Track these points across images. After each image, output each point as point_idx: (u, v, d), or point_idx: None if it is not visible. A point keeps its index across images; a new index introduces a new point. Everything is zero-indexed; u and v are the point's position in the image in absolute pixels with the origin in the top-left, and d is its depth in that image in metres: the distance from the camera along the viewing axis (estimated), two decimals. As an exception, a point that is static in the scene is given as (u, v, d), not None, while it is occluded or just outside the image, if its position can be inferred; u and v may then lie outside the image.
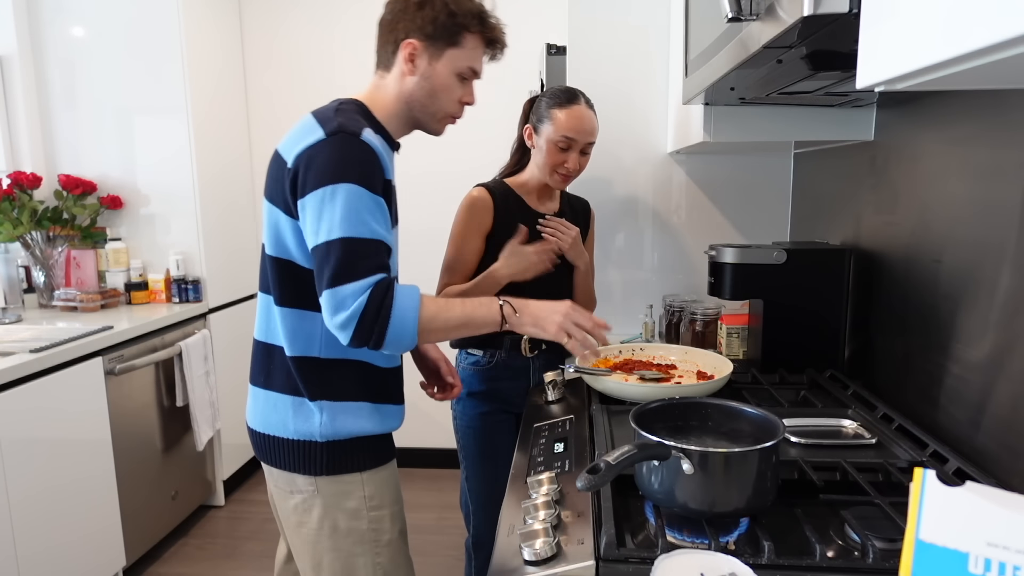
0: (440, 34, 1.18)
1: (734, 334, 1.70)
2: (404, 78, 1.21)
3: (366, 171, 1.09)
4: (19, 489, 1.85)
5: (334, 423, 1.18)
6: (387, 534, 1.24)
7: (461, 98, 1.25)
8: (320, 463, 1.19)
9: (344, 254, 1.05)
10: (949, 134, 1.15)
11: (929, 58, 0.56)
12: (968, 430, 1.07)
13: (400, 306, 1.07)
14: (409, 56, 1.19)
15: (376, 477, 1.23)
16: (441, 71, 1.20)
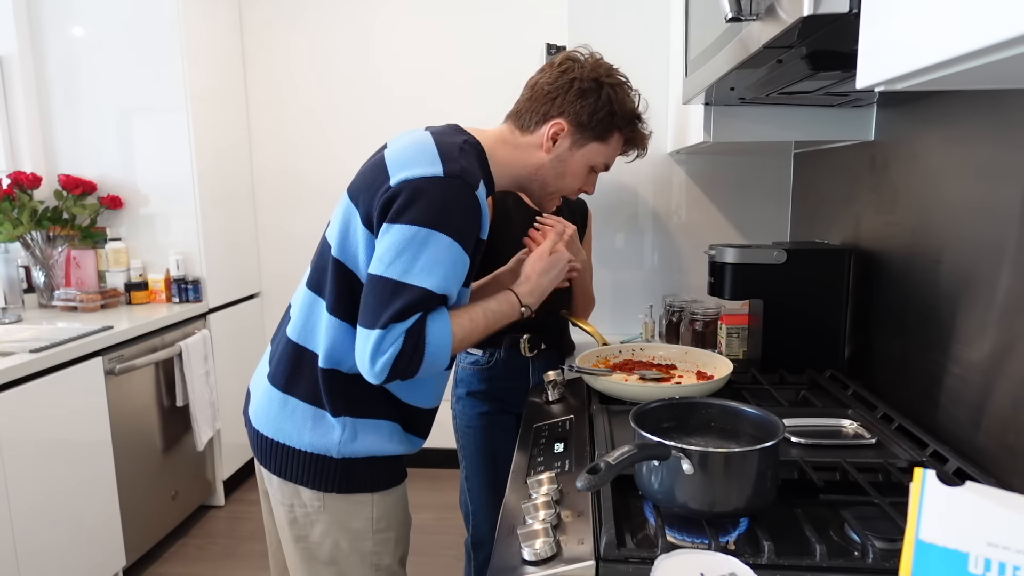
0: (592, 127, 1.16)
1: (734, 334, 1.71)
2: (538, 151, 1.18)
3: (467, 227, 1.05)
4: (19, 489, 1.85)
5: (354, 441, 1.13)
6: (388, 558, 1.21)
7: (583, 187, 1.24)
8: (332, 480, 1.14)
9: (412, 300, 1.01)
10: (949, 134, 1.15)
11: (929, 58, 0.56)
12: (968, 430, 1.07)
13: (435, 342, 1.04)
14: (553, 135, 1.17)
15: (387, 499, 1.20)
16: (578, 159, 1.19)
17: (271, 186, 3.16)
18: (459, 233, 1.04)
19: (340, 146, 3.11)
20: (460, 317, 1.09)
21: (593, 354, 1.57)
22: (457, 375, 1.74)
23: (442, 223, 1.02)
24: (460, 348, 1.10)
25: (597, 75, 1.15)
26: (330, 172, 3.13)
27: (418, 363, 1.03)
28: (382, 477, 1.19)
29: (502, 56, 2.94)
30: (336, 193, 3.50)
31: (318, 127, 3.09)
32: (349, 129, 3.09)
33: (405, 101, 3.04)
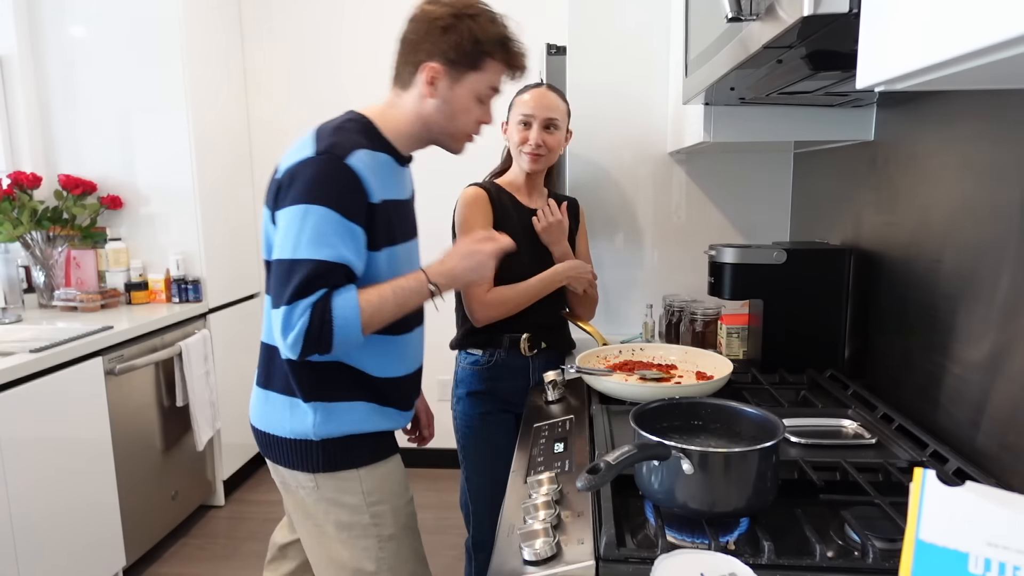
0: (462, 60, 1.19)
1: (734, 334, 1.71)
2: (423, 100, 1.21)
3: (342, 196, 1.11)
4: (19, 489, 1.85)
5: (328, 423, 1.20)
6: (389, 528, 1.25)
7: (479, 118, 1.26)
8: (317, 461, 1.22)
9: (308, 274, 1.08)
10: (949, 134, 1.15)
11: (929, 58, 0.56)
12: (968, 430, 1.07)
13: (341, 315, 1.09)
14: (430, 79, 1.19)
15: (375, 472, 1.25)
16: (461, 94, 1.21)
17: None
18: (337, 203, 1.10)
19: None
20: (368, 293, 1.13)
21: (593, 354, 1.57)
22: (457, 375, 1.74)
23: (318, 197, 1.09)
24: (373, 322, 1.13)
25: (454, 10, 1.18)
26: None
27: (328, 335, 1.08)
28: (364, 453, 1.24)
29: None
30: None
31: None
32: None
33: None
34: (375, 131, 1.22)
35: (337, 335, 1.09)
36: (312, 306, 1.08)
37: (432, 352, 3.26)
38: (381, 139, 1.22)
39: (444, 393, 3.16)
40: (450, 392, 1.78)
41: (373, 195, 1.15)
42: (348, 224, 1.11)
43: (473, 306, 1.62)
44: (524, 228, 1.66)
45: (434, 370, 3.16)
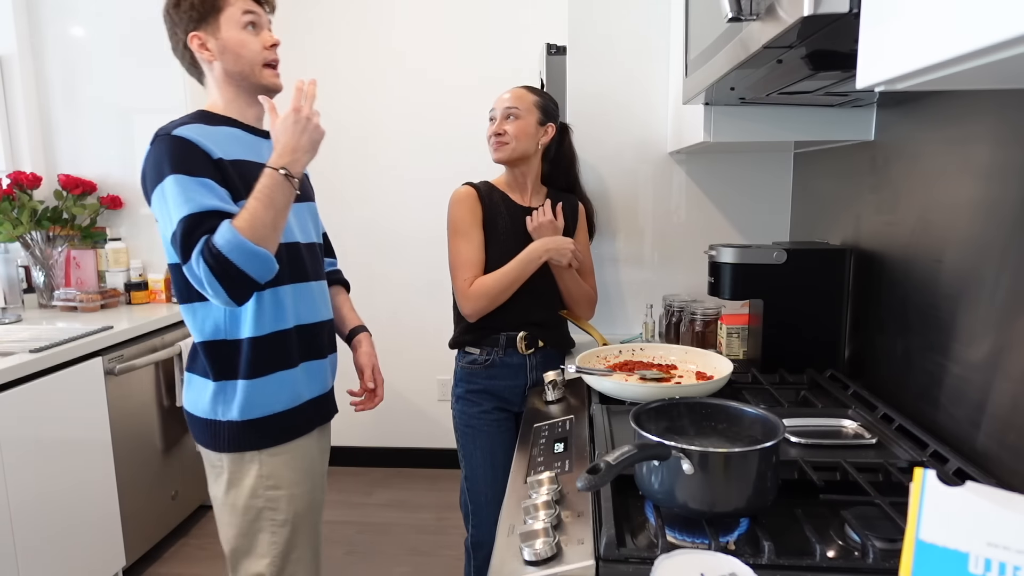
0: (205, 11, 1.28)
1: (734, 334, 1.71)
2: (213, 67, 1.31)
3: (183, 160, 1.20)
4: (19, 489, 1.85)
5: (232, 404, 1.28)
6: (283, 514, 1.31)
7: (263, 43, 1.32)
8: (222, 440, 1.30)
9: (183, 231, 1.15)
10: (949, 134, 1.15)
11: (929, 58, 0.56)
12: (968, 430, 1.07)
13: (225, 244, 1.13)
14: (200, 47, 1.29)
15: (275, 458, 1.31)
16: (229, 38, 1.29)
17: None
18: (180, 167, 1.19)
19: (340, 145, 3.11)
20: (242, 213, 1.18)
21: (593, 354, 1.57)
22: (456, 374, 1.74)
23: (161, 172, 1.19)
24: (258, 232, 1.16)
25: None
26: (331, 172, 3.13)
27: (231, 266, 1.13)
28: (266, 436, 1.31)
29: (502, 56, 2.93)
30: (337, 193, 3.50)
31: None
32: (349, 128, 3.09)
33: (405, 101, 3.04)
34: (209, 114, 1.31)
35: (238, 261, 1.14)
36: (200, 253, 1.14)
37: (432, 352, 3.27)
38: (217, 118, 1.31)
39: (444, 393, 3.17)
40: (450, 392, 1.78)
41: (213, 152, 1.23)
42: (196, 179, 1.19)
43: (459, 302, 1.66)
44: (516, 226, 1.67)
45: (434, 370, 3.18)
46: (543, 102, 1.70)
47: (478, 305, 1.62)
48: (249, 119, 1.36)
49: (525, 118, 1.66)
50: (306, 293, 1.37)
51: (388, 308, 3.19)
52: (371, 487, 3.10)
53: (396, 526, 2.70)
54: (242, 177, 1.24)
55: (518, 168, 1.71)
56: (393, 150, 3.08)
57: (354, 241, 3.14)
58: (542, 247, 1.63)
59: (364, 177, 3.12)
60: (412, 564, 2.44)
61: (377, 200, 3.12)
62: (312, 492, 1.37)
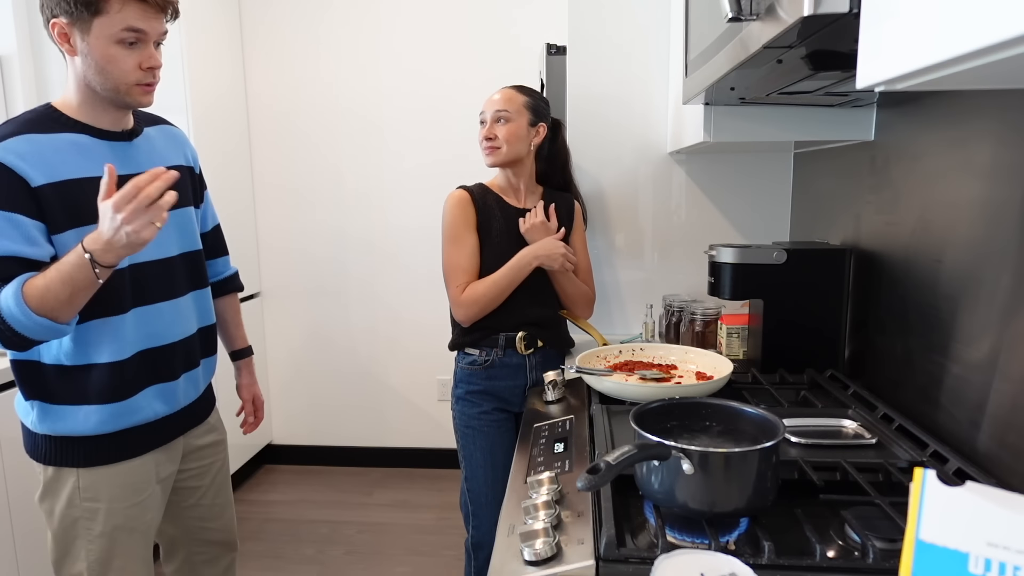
0: (78, 7, 1.09)
1: (734, 334, 1.71)
2: (73, 61, 1.15)
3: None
4: (19, 489, 1.85)
5: (45, 421, 1.24)
6: (99, 526, 1.27)
7: (140, 63, 1.15)
8: (40, 452, 1.27)
9: None
10: (949, 134, 1.15)
11: (929, 58, 0.56)
12: (968, 430, 1.07)
13: (7, 310, 1.07)
14: (61, 36, 1.13)
15: (94, 474, 1.26)
16: (97, 45, 1.12)
17: (271, 187, 3.16)
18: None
19: (341, 147, 3.11)
20: (35, 278, 1.09)
21: (593, 354, 1.57)
22: (456, 375, 1.74)
23: None
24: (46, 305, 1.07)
25: None
26: (331, 173, 3.13)
27: (7, 331, 1.08)
28: (83, 454, 1.25)
29: (502, 56, 2.94)
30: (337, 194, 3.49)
31: (318, 128, 3.09)
32: (350, 130, 3.09)
33: (405, 101, 3.05)
34: (57, 115, 1.18)
35: (16, 326, 1.07)
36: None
37: (432, 352, 3.27)
38: (65, 121, 1.17)
39: (444, 393, 3.18)
40: (450, 392, 1.78)
41: (33, 179, 1.11)
42: (9, 216, 1.08)
43: (452, 308, 1.66)
44: (511, 229, 1.67)
45: (434, 370, 3.18)
46: (533, 102, 1.69)
47: (470, 311, 1.63)
48: (103, 124, 1.21)
49: (516, 120, 1.66)
50: (155, 315, 1.27)
51: (388, 308, 3.19)
52: (371, 487, 3.10)
53: (396, 526, 2.70)
54: (67, 199, 1.13)
55: (511, 170, 1.71)
56: (393, 150, 3.08)
57: (354, 241, 3.15)
58: (531, 254, 1.62)
59: (364, 177, 3.12)
60: (412, 564, 2.44)
61: (377, 200, 3.12)
62: (139, 506, 1.30)
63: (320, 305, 3.22)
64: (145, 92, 1.19)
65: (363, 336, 3.23)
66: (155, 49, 1.18)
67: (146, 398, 1.28)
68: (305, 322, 3.23)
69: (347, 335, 3.24)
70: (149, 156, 1.29)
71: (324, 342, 3.25)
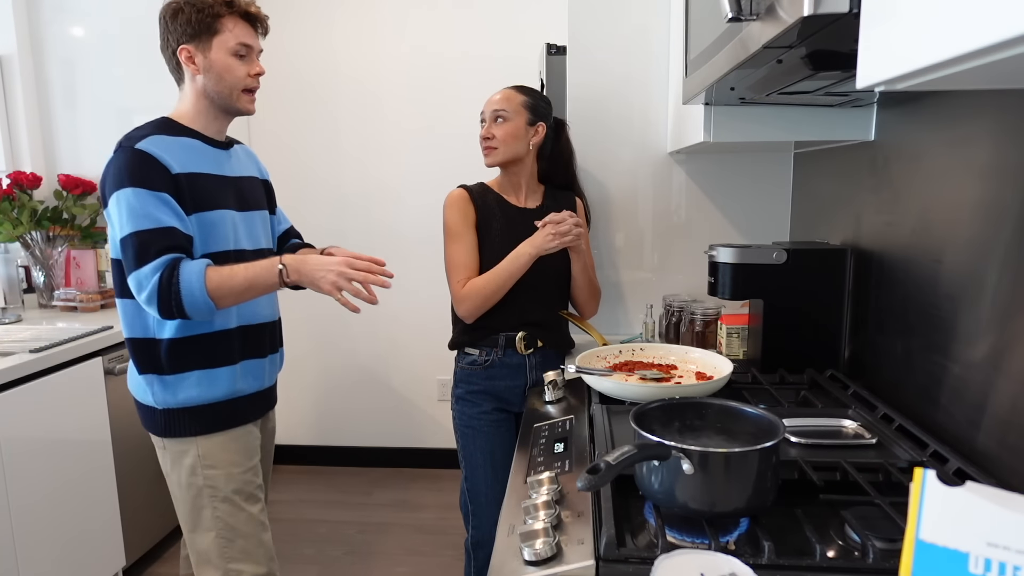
0: (200, 30, 1.36)
1: (734, 334, 1.71)
2: (195, 79, 1.41)
3: (142, 174, 1.29)
4: (19, 489, 1.85)
5: (164, 394, 1.40)
6: (222, 491, 1.44)
7: (249, 72, 1.43)
8: (160, 426, 1.43)
9: (136, 245, 1.27)
10: (949, 134, 1.15)
11: (929, 58, 0.56)
12: (968, 430, 1.07)
13: (186, 280, 1.26)
14: (188, 59, 1.38)
15: (210, 441, 1.43)
16: (217, 59, 1.39)
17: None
18: (139, 181, 1.29)
19: (341, 145, 3.11)
20: (222, 268, 1.31)
21: (593, 354, 1.57)
22: (456, 375, 1.74)
23: (120, 182, 1.29)
24: (221, 292, 1.29)
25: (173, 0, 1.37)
26: (331, 171, 3.13)
27: (178, 299, 1.26)
28: (200, 423, 1.42)
29: (502, 56, 2.94)
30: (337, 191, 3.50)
31: (319, 127, 3.09)
32: (350, 129, 3.09)
33: (405, 102, 3.05)
34: (174, 124, 1.41)
35: (186, 302, 1.26)
36: (160, 271, 1.26)
37: (432, 353, 3.27)
38: (180, 128, 1.40)
39: (444, 393, 3.18)
40: (450, 392, 1.78)
41: (172, 167, 1.32)
42: (154, 194, 1.29)
43: (454, 303, 1.67)
44: (511, 228, 1.67)
45: (434, 370, 3.18)
46: (532, 102, 1.69)
47: (472, 306, 1.63)
48: (211, 132, 1.45)
49: (513, 120, 1.66)
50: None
51: (388, 307, 3.18)
52: (371, 487, 3.10)
53: (396, 526, 2.70)
54: (193, 187, 1.35)
55: (511, 169, 1.71)
56: (393, 150, 3.08)
57: (354, 240, 3.14)
58: (529, 244, 1.59)
59: (365, 177, 3.12)
60: (412, 564, 2.44)
61: (377, 200, 3.12)
62: (253, 471, 1.49)
63: (320, 305, 3.22)
64: (251, 99, 1.47)
65: (363, 336, 3.23)
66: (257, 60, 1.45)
67: (245, 369, 1.47)
68: (306, 322, 3.23)
69: (347, 335, 3.24)
70: (238, 165, 1.52)
71: (324, 342, 3.25)
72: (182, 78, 1.43)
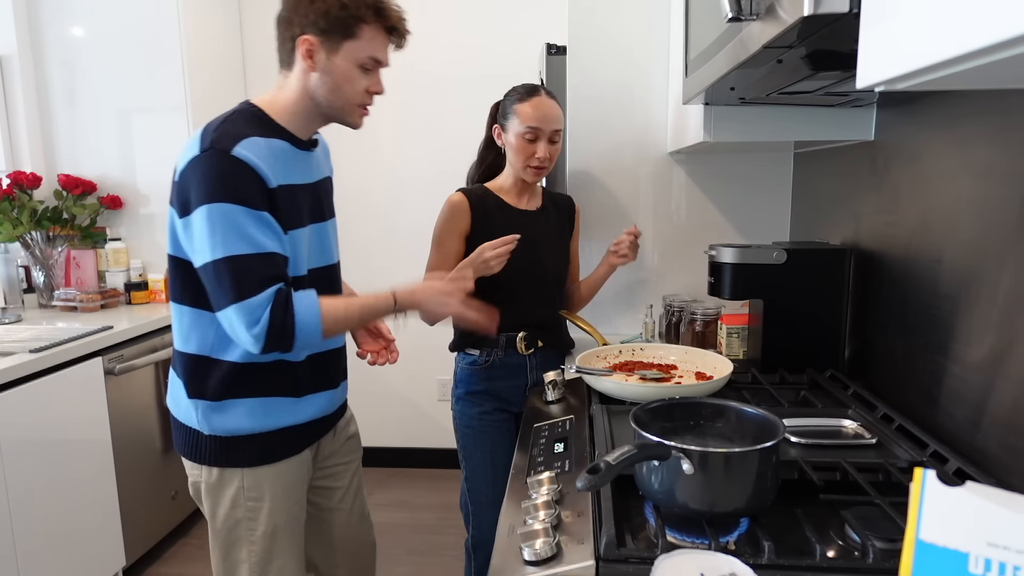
0: (335, 28, 1.16)
1: (734, 334, 1.70)
2: (306, 75, 1.20)
3: (240, 188, 1.11)
4: (19, 489, 1.85)
5: (210, 420, 1.23)
6: (262, 526, 1.28)
7: (368, 88, 1.24)
8: (203, 453, 1.25)
9: (234, 272, 1.09)
10: (949, 134, 1.15)
11: (929, 58, 0.56)
12: (968, 430, 1.07)
13: (302, 317, 1.12)
14: (307, 52, 1.18)
15: (258, 472, 1.26)
16: (341, 65, 1.19)
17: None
18: (235, 196, 1.10)
19: (340, 145, 3.10)
20: (335, 301, 1.19)
21: (593, 354, 1.57)
22: (456, 376, 1.74)
23: (215, 194, 1.10)
24: (335, 328, 1.19)
25: None
26: (330, 172, 3.13)
27: (290, 335, 1.12)
28: (249, 454, 1.26)
29: (502, 56, 2.93)
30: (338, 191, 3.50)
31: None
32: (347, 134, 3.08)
33: (404, 101, 3.04)
34: (265, 118, 1.21)
35: (299, 335, 1.12)
36: (269, 304, 1.10)
37: (432, 353, 3.27)
38: (273, 125, 1.21)
39: (444, 393, 3.17)
40: (450, 392, 1.78)
41: (270, 180, 1.14)
42: (253, 213, 1.11)
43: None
44: (509, 230, 1.65)
45: (434, 370, 3.18)
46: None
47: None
48: (302, 133, 1.26)
49: (561, 137, 1.65)
50: None
51: (388, 308, 3.18)
52: (371, 487, 3.09)
53: (396, 526, 2.70)
54: (286, 201, 1.18)
55: None
56: (393, 148, 3.08)
57: (355, 239, 3.14)
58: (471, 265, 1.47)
59: (365, 175, 3.11)
60: (412, 564, 2.44)
61: (377, 198, 3.12)
62: (298, 504, 1.34)
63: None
64: (363, 115, 1.28)
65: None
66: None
67: (309, 400, 1.31)
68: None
69: (347, 335, 3.23)
70: (316, 167, 1.33)
71: (324, 342, 3.25)
72: (289, 65, 1.22)
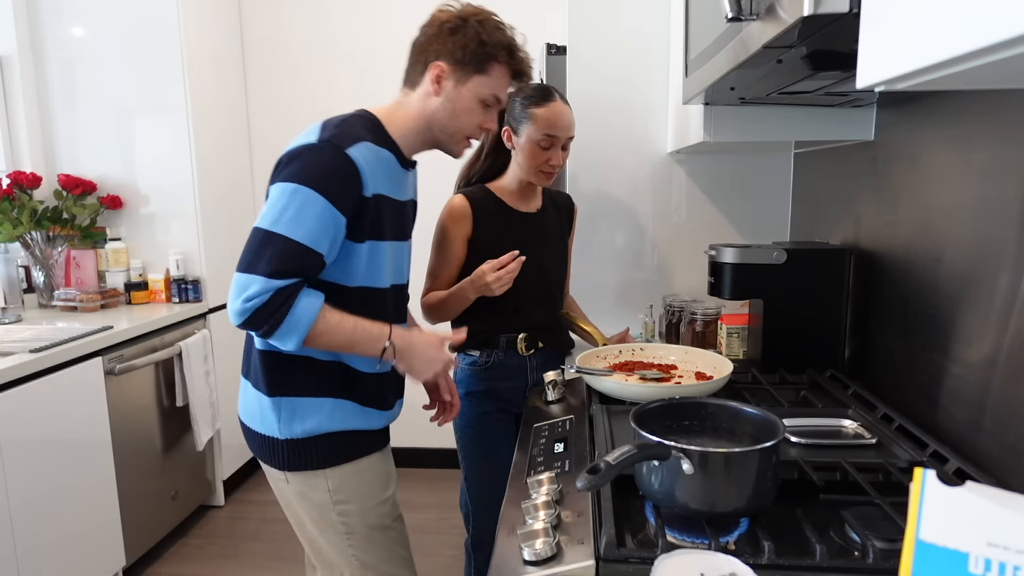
0: (469, 60, 1.22)
1: (734, 334, 1.70)
2: (429, 98, 1.24)
3: (336, 185, 1.13)
4: (19, 489, 1.85)
5: (291, 422, 1.22)
6: (358, 526, 1.27)
7: (481, 123, 1.28)
8: (282, 459, 1.24)
9: (281, 253, 1.09)
10: (949, 134, 1.15)
11: (929, 58, 0.56)
12: (968, 430, 1.07)
13: (299, 310, 1.11)
14: (436, 77, 1.23)
15: (341, 472, 1.26)
16: (465, 95, 1.24)
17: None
18: (329, 191, 1.12)
19: (340, 146, 3.11)
20: (333, 311, 1.15)
21: (593, 354, 1.57)
22: (456, 376, 1.74)
23: (309, 179, 1.11)
24: (318, 339, 1.14)
25: (462, 14, 1.23)
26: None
27: (276, 324, 1.10)
28: (330, 454, 1.25)
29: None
30: (336, 193, 3.38)
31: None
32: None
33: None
34: (381, 128, 1.24)
35: (282, 327, 1.10)
36: (278, 288, 1.09)
37: (432, 352, 3.25)
38: (386, 137, 1.24)
39: (444, 393, 3.17)
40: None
41: (368, 188, 1.17)
42: (333, 211, 1.13)
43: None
44: (511, 233, 1.65)
45: (434, 370, 3.18)
46: None
47: (426, 316, 1.68)
48: (409, 150, 1.29)
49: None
50: None
51: (388, 308, 3.18)
52: (371, 487, 3.09)
53: (396, 526, 2.70)
54: (376, 211, 1.20)
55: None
56: (393, 150, 3.08)
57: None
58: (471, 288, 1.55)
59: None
60: (412, 564, 2.43)
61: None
62: (389, 503, 1.33)
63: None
64: (467, 147, 1.32)
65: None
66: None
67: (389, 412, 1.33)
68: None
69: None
70: (410, 187, 1.35)
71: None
72: (414, 85, 1.26)
